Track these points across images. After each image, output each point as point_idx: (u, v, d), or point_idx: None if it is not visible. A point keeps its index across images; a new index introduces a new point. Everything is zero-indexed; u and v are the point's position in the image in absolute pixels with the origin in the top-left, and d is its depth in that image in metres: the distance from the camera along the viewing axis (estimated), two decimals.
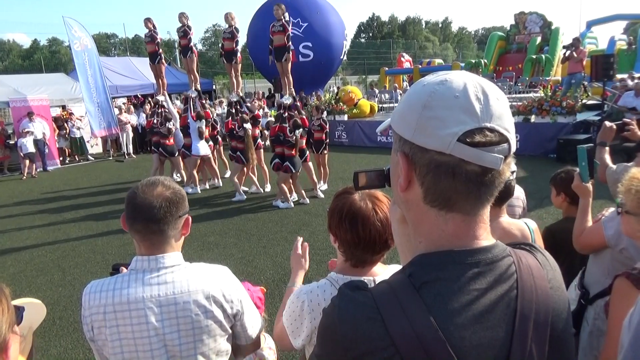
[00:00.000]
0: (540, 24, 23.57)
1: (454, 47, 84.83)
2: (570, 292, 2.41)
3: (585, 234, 2.31)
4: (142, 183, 1.53)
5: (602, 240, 2.17)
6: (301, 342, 1.58)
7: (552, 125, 11.34)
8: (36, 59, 65.58)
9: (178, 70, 23.04)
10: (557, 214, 5.85)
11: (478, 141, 0.72)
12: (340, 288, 0.82)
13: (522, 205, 2.72)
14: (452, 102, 0.73)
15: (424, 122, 0.74)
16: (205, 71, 48.60)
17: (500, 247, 0.81)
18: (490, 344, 0.73)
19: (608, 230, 2.13)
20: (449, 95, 0.74)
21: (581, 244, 2.35)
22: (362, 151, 13.96)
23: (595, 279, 2.28)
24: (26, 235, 7.70)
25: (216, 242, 6.67)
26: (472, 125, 0.72)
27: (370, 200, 1.53)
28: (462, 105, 0.73)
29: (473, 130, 0.72)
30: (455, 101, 0.73)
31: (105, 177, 12.42)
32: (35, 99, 14.13)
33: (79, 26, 14.87)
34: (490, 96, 0.74)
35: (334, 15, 21.92)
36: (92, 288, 1.52)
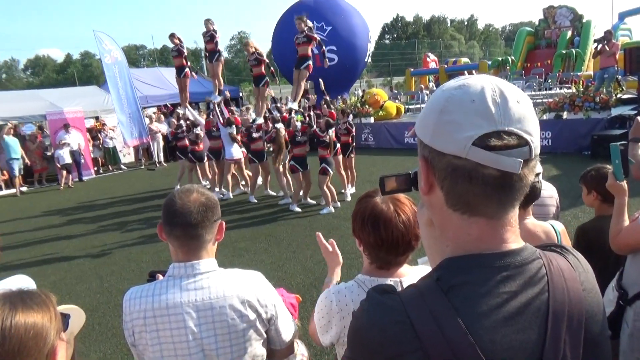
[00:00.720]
0: (571, 18, 22.99)
1: (480, 45, 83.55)
2: (608, 293, 2.35)
3: (623, 234, 2.24)
4: (178, 191, 1.60)
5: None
6: (329, 340, 1.62)
7: (585, 121, 11.03)
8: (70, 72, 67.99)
9: (205, 79, 23.47)
10: (592, 213, 5.69)
11: (494, 144, 0.72)
12: (369, 292, 0.84)
13: (555, 205, 2.65)
14: (469, 107, 0.74)
15: (441, 127, 0.76)
16: (231, 78, 49.30)
17: (530, 249, 0.80)
18: (522, 347, 0.73)
19: None
20: (465, 100, 0.75)
21: (619, 245, 2.28)
22: (389, 153, 13.89)
23: (634, 279, 2.21)
24: (65, 244, 7.97)
25: (247, 248, 6.75)
26: (488, 129, 0.72)
27: (392, 202, 1.55)
28: (478, 109, 0.73)
29: (489, 134, 0.72)
30: (472, 105, 0.74)
31: (138, 186, 12.74)
32: (71, 111, 14.64)
33: (109, 39, 15.32)
34: (510, 99, 0.74)
35: (357, 18, 21.91)
36: (132, 294, 1.58)
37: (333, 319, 1.58)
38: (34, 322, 1.03)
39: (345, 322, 1.56)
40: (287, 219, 8.15)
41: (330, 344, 1.65)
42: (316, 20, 20.54)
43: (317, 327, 1.66)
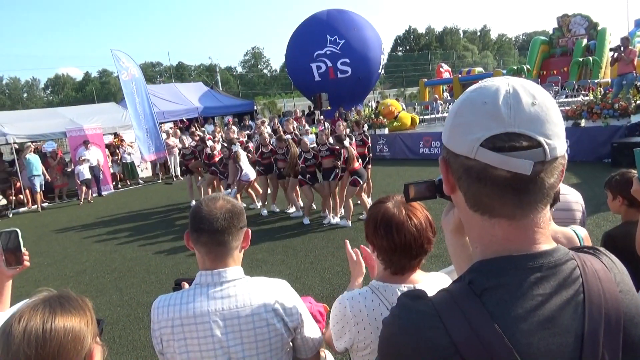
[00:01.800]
0: (586, 26, 22.84)
1: (494, 54, 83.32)
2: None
3: None
4: (205, 199, 1.62)
5: None
6: (343, 346, 1.63)
7: (604, 128, 10.87)
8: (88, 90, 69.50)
9: (220, 93, 23.76)
10: (614, 221, 5.58)
11: (501, 146, 0.72)
12: (400, 298, 0.83)
13: (581, 210, 2.61)
14: (480, 108, 0.75)
15: (454, 128, 0.78)
16: (245, 92, 49.86)
17: (563, 250, 0.79)
18: (559, 350, 0.71)
19: None
20: (478, 102, 0.76)
21: None
22: (405, 164, 13.84)
23: None
24: (85, 257, 8.07)
25: (264, 260, 6.76)
26: (497, 130, 0.72)
27: (404, 207, 1.57)
28: (488, 111, 0.74)
29: (498, 136, 0.72)
30: (483, 107, 0.74)
31: (156, 200, 12.87)
32: (90, 128, 14.92)
33: (126, 57, 15.66)
34: (524, 100, 0.73)
35: (370, 30, 22.08)
36: (160, 303, 1.58)
37: (347, 324, 1.59)
38: (72, 326, 1.06)
39: (359, 327, 1.57)
40: (304, 231, 8.15)
41: (344, 350, 1.66)
42: (329, 34, 20.78)
43: (332, 333, 1.67)
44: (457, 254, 1.01)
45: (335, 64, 20.75)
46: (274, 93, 59.93)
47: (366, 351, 1.60)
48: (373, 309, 1.57)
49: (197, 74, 70.25)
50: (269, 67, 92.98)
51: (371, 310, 1.57)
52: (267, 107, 41.99)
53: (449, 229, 1.00)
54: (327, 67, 20.85)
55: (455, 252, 1.01)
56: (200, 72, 68.48)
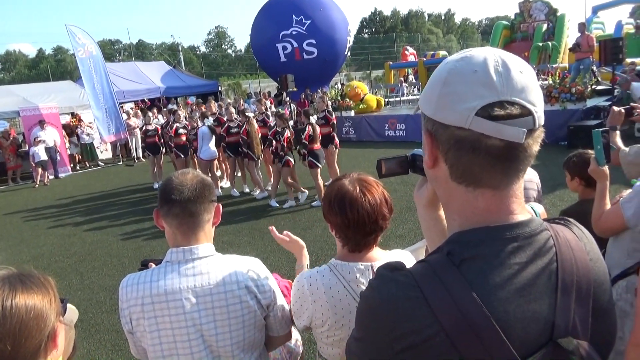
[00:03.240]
0: (546, 11, 23.35)
1: (457, 38, 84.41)
2: None
3: (604, 217, 2.29)
4: (174, 173, 1.60)
5: (621, 221, 2.14)
6: (303, 324, 1.66)
7: (562, 112, 11.24)
8: (42, 68, 66.35)
9: (183, 73, 23.17)
10: (570, 200, 5.81)
11: (497, 114, 0.71)
12: (378, 270, 0.82)
13: (536, 189, 2.70)
14: (471, 77, 0.73)
15: (443, 98, 0.75)
16: (209, 73, 48.79)
17: (537, 221, 0.80)
18: (534, 317, 0.73)
19: (627, 211, 2.11)
20: (467, 71, 0.74)
21: (601, 228, 2.32)
22: (371, 146, 13.94)
23: (616, 261, 2.26)
24: (43, 241, 7.80)
25: (230, 242, 6.71)
26: (491, 99, 0.72)
27: (359, 184, 1.59)
28: (480, 80, 0.73)
29: (492, 104, 0.72)
30: (474, 76, 0.73)
31: (117, 182, 12.52)
32: (46, 107, 14.28)
33: (82, 33, 14.96)
34: (513, 69, 0.74)
35: (336, 12, 21.91)
36: (129, 281, 1.55)
37: (305, 302, 1.61)
38: (34, 304, 1.02)
39: (316, 305, 1.60)
40: (270, 213, 8.12)
41: (304, 327, 1.68)
42: (295, 14, 20.50)
43: (292, 312, 1.69)
44: (430, 228, 1.00)
45: (301, 44, 20.53)
46: (239, 74, 58.89)
47: (324, 328, 1.62)
48: (330, 287, 1.59)
49: (158, 52, 68.07)
50: (233, 47, 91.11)
51: (328, 288, 1.59)
52: (231, 88, 41.27)
53: (422, 204, 0.99)
54: (293, 47, 20.61)
55: (428, 226, 1.01)
56: (162, 51, 66.42)
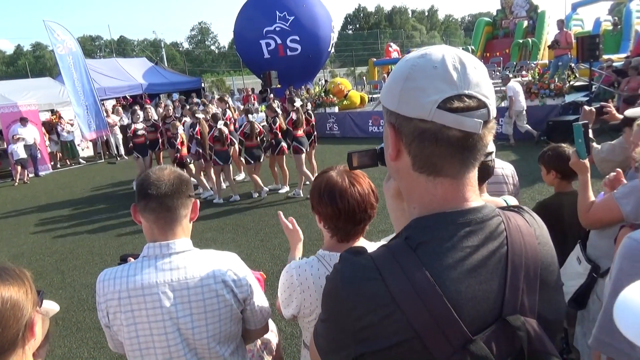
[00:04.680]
0: (527, 8, 23.63)
1: (441, 35, 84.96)
2: (573, 265, 2.42)
3: (595, 211, 2.28)
4: (152, 169, 1.61)
5: (618, 216, 2.13)
6: (290, 313, 1.69)
7: (541, 107, 11.42)
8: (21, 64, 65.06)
9: (165, 69, 22.94)
10: (549, 194, 5.93)
11: (457, 107, 0.76)
12: (342, 254, 0.87)
13: (511, 182, 2.74)
14: (432, 73, 0.78)
15: (406, 93, 0.80)
16: (192, 69, 48.37)
17: (489, 207, 0.86)
18: (485, 296, 0.78)
19: (625, 207, 2.10)
20: (428, 67, 0.79)
21: (590, 220, 2.32)
22: (354, 142, 14.00)
23: (605, 252, 2.27)
24: (23, 240, 7.69)
25: (214, 238, 6.70)
26: (450, 92, 0.77)
27: (346, 175, 1.63)
28: (440, 75, 0.77)
29: (452, 97, 0.77)
30: (434, 71, 0.78)
31: (99, 180, 12.38)
32: (25, 105, 14.02)
33: (61, 29, 14.70)
34: (468, 65, 0.79)
35: (320, 8, 21.85)
36: (105, 275, 1.56)
37: (294, 292, 1.64)
38: (11, 295, 1.05)
39: (305, 295, 1.63)
40: (254, 209, 8.12)
41: (291, 317, 1.71)
42: (279, 10, 20.40)
43: (280, 301, 1.72)
44: (397, 217, 1.05)
45: (284, 41, 20.44)
46: (223, 70, 58.47)
47: (312, 317, 1.65)
48: (319, 277, 1.62)
49: (140, 49, 67.21)
50: (216, 43, 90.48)
51: (317, 278, 1.62)
52: (215, 85, 40.96)
53: (389, 194, 1.04)
54: (277, 44, 20.51)
55: (396, 216, 1.05)
56: (144, 48, 65.58)
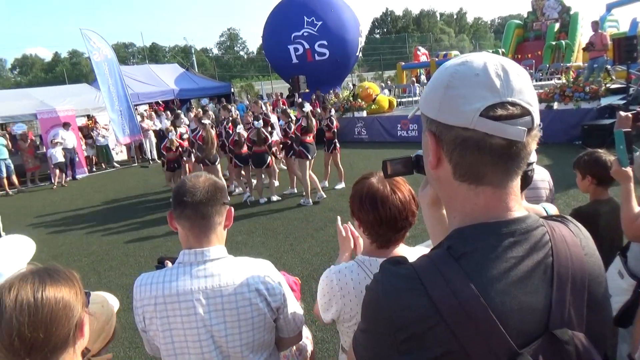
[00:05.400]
0: (559, 10, 23.15)
1: (470, 38, 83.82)
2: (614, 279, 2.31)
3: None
4: (187, 176, 1.64)
5: None
6: (330, 317, 1.69)
7: (575, 111, 11.14)
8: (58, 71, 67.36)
9: (196, 75, 23.39)
10: (584, 201, 5.76)
11: (500, 114, 0.76)
12: (382, 264, 0.87)
13: (548, 187, 2.70)
14: (473, 80, 0.78)
15: (447, 101, 0.80)
16: (222, 74, 49.09)
17: (533, 217, 0.84)
18: (531, 308, 0.77)
19: None
20: (469, 74, 0.79)
21: (637, 232, 2.21)
22: (383, 147, 13.94)
23: None
24: (61, 241, 7.97)
25: (244, 242, 6.79)
26: (493, 100, 0.76)
27: (387, 181, 1.62)
28: (483, 82, 0.77)
29: (495, 105, 0.76)
30: (476, 79, 0.78)
31: (132, 183, 12.70)
32: (63, 110, 14.54)
33: (97, 37, 15.18)
34: (511, 72, 0.78)
35: (347, 12, 21.91)
36: (142, 280, 1.59)
37: (334, 297, 1.64)
38: (63, 296, 1.09)
39: (345, 300, 1.63)
40: (283, 213, 8.19)
41: (331, 321, 1.72)
42: (307, 15, 20.55)
43: (319, 305, 1.72)
44: (434, 225, 1.05)
45: (312, 46, 20.57)
46: (251, 75, 59.15)
47: (352, 322, 1.65)
48: (359, 282, 1.62)
49: (171, 55, 68.70)
50: (245, 49, 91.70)
51: (357, 283, 1.62)
52: (244, 90, 41.47)
53: (425, 202, 1.04)
54: (305, 49, 20.66)
55: (432, 224, 1.05)
56: (175, 54, 66.99)
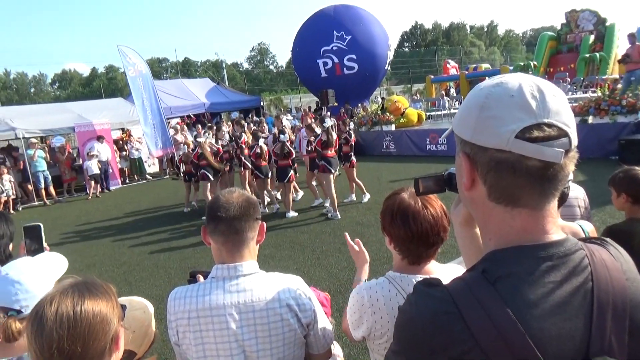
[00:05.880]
0: (594, 21, 22.66)
1: (501, 50, 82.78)
2: None
3: None
4: (222, 192, 1.68)
5: None
6: (360, 334, 1.67)
7: (611, 125, 10.83)
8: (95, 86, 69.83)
9: (227, 89, 23.83)
10: (621, 218, 5.57)
11: (536, 136, 0.75)
12: (416, 285, 0.86)
13: (583, 205, 2.62)
14: (508, 101, 0.77)
15: (482, 122, 0.79)
16: (252, 88, 49.89)
17: (572, 241, 0.82)
18: (569, 335, 0.74)
19: None
20: (504, 95, 0.78)
21: None
22: (411, 160, 13.83)
23: None
24: (95, 251, 8.18)
25: (271, 255, 6.83)
26: (529, 121, 0.75)
27: (419, 197, 1.60)
28: (518, 104, 0.76)
29: (531, 126, 0.75)
30: (511, 100, 0.77)
31: (163, 195, 12.97)
32: (99, 123, 15.05)
33: (133, 53, 15.68)
34: (547, 93, 0.77)
35: (377, 27, 22.01)
36: (177, 294, 1.61)
37: (364, 314, 1.63)
38: (100, 309, 1.13)
39: (376, 317, 1.61)
40: (310, 227, 8.20)
41: (361, 338, 1.70)
42: (336, 30, 20.75)
43: (349, 322, 1.70)
44: (466, 245, 1.03)
45: (341, 60, 20.72)
46: (280, 89, 59.91)
47: (383, 339, 1.63)
48: (390, 299, 1.60)
49: (203, 69, 70.36)
50: (275, 63, 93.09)
51: (388, 300, 1.60)
52: (273, 103, 42.01)
53: (457, 221, 1.02)
54: (334, 63, 20.82)
55: (464, 243, 1.03)
56: (207, 68, 68.59)
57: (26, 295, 1.45)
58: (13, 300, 1.43)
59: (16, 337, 1.40)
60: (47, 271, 1.56)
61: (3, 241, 1.92)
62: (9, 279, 1.46)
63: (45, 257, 1.65)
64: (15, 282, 1.45)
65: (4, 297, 1.44)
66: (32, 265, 1.54)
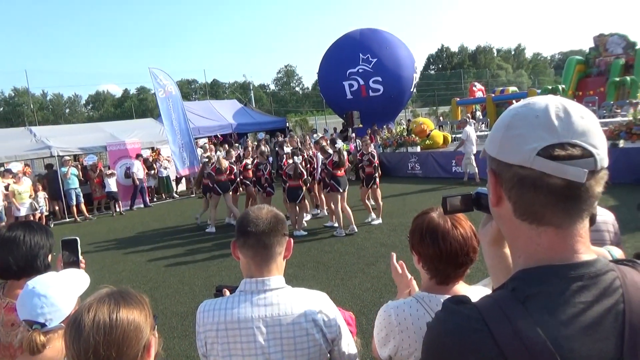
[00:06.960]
0: (623, 45, 22.34)
1: (528, 73, 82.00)
2: None
3: None
4: (251, 208, 1.73)
5: None
6: (387, 353, 1.66)
7: None
8: (127, 106, 71.93)
9: (253, 110, 24.24)
10: None
11: (557, 154, 0.76)
12: (444, 302, 0.87)
13: (612, 230, 2.56)
14: (533, 121, 0.80)
15: (507, 140, 0.82)
16: (278, 109, 50.59)
17: (603, 261, 0.82)
18: (600, 356, 0.74)
19: None
20: (530, 115, 0.81)
21: None
22: (437, 182, 13.73)
23: None
24: (122, 267, 8.35)
25: (295, 274, 6.84)
26: (551, 140, 0.77)
27: (448, 217, 1.61)
28: (542, 123, 0.79)
29: (553, 145, 0.77)
30: (536, 120, 0.79)
31: (189, 213, 13.15)
32: (130, 142, 15.52)
33: (163, 75, 16.20)
34: (573, 114, 0.79)
35: (403, 50, 22.17)
36: (206, 307, 1.66)
37: (391, 332, 1.63)
38: (134, 317, 1.19)
39: (403, 335, 1.60)
40: (334, 247, 8.20)
41: (388, 358, 1.69)
42: (362, 52, 20.99)
43: (375, 340, 1.71)
44: (495, 265, 1.03)
45: (367, 82, 20.89)
46: (306, 110, 60.53)
47: (410, 359, 1.63)
48: (418, 318, 1.60)
49: (231, 91, 71.85)
50: (301, 84, 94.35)
51: (416, 319, 1.60)
52: (298, 124, 42.45)
53: (486, 241, 1.02)
54: (359, 85, 21.01)
55: (493, 263, 1.03)
56: (234, 90, 70.02)
57: (51, 309, 1.50)
58: (38, 314, 1.49)
59: (40, 349, 1.46)
60: (71, 287, 1.62)
61: (42, 252, 2.01)
62: (35, 292, 1.52)
63: (69, 273, 1.71)
64: (41, 296, 1.51)
65: (29, 310, 1.50)
66: (58, 281, 1.60)
